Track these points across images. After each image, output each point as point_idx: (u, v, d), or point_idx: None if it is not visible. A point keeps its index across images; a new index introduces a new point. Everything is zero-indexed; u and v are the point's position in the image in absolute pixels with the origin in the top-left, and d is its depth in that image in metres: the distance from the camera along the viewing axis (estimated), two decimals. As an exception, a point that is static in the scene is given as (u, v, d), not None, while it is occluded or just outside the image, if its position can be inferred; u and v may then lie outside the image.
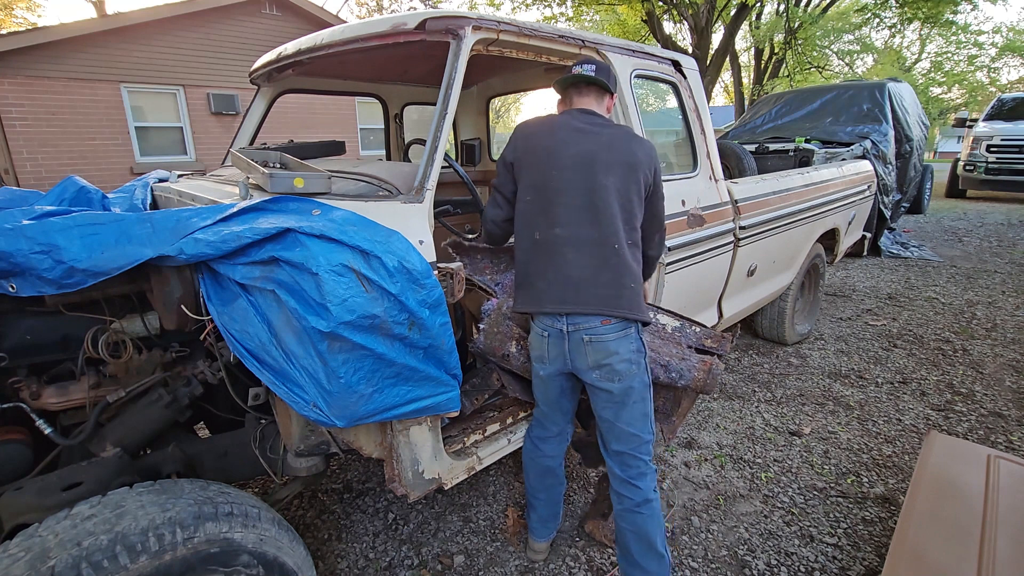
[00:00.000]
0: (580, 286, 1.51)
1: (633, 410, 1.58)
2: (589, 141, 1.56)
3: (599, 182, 1.53)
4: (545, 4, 13.30)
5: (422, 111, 3.55)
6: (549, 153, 1.56)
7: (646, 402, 1.61)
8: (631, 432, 1.60)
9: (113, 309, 1.42)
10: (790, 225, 3.11)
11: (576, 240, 1.52)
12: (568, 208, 1.53)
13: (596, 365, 1.54)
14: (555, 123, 1.61)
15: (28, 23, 18.23)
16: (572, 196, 1.53)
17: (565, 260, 1.53)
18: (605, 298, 1.51)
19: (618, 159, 1.55)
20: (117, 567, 0.99)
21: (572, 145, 1.56)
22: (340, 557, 1.97)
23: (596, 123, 1.61)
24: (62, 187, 1.89)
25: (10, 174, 7.39)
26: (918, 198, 8.58)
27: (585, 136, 1.57)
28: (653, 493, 1.63)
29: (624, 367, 1.54)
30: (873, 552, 1.95)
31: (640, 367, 1.57)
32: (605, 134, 1.59)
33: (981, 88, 19.46)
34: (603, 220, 1.52)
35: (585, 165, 1.54)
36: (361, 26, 1.75)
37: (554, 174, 1.55)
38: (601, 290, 1.51)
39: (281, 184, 1.39)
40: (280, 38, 8.71)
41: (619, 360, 1.53)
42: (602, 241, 1.52)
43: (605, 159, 1.55)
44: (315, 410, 1.20)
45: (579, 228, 1.52)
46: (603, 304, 1.50)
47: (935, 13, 12.22)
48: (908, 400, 3.05)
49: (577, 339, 1.53)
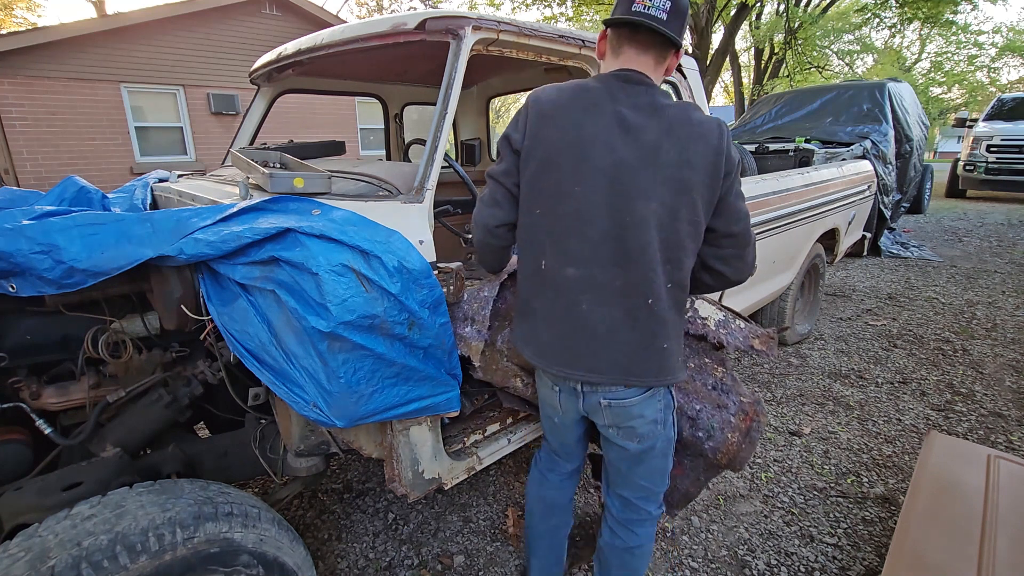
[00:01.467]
0: (597, 348, 1.19)
1: (650, 466, 1.36)
2: (632, 143, 1.13)
3: (636, 212, 1.13)
4: (545, 4, 13.30)
5: (422, 111, 3.55)
6: (573, 153, 1.15)
7: (667, 458, 1.37)
8: (642, 484, 1.38)
9: (113, 309, 1.42)
10: (790, 225, 3.10)
11: (595, 286, 1.17)
12: (587, 242, 1.16)
13: (614, 425, 1.29)
14: (591, 101, 1.16)
15: (28, 23, 18.24)
16: (595, 226, 1.15)
17: (579, 311, 1.19)
18: (629, 363, 1.19)
19: (668, 171, 1.12)
20: (117, 567, 0.99)
21: (607, 147, 1.14)
22: (340, 557, 1.97)
23: (647, 106, 1.15)
24: (62, 187, 1.89)
25: (10, 174, 7.39)
26: (918, 198, 8.57)
27: (628, 134, 1.14)
28: (648, 540, 1.44)
29: (648, 429, 1.28)
30: (873, 552, 1.95)
31: (667, 425, 1.31)
32: (653, 128, 1.13)
33: (981, 88, 19.48)
34: (634, 262, 1.14)
35: (619, 184, 1.13)
36: (361, 26, 1.75)
37: (575, 190, 1.15)
38: (624, 354, 1.18)
39: (281, 184, 1.39)
40: (280, 38, 8.71)
41: (643, 423, 1.27)
42: (630, 290, 1.16)
43: (649, 175, 1.12)
44: (315, 410, 1.20)
45: (600, 270, 1.16)
46: (625, 372, 1.19)
47: (935, 13, 12.23)
48: (908, 400, 3.05)
49: (593, 401, 1.26)
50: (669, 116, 1.15)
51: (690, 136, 1.14)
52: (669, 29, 1.13)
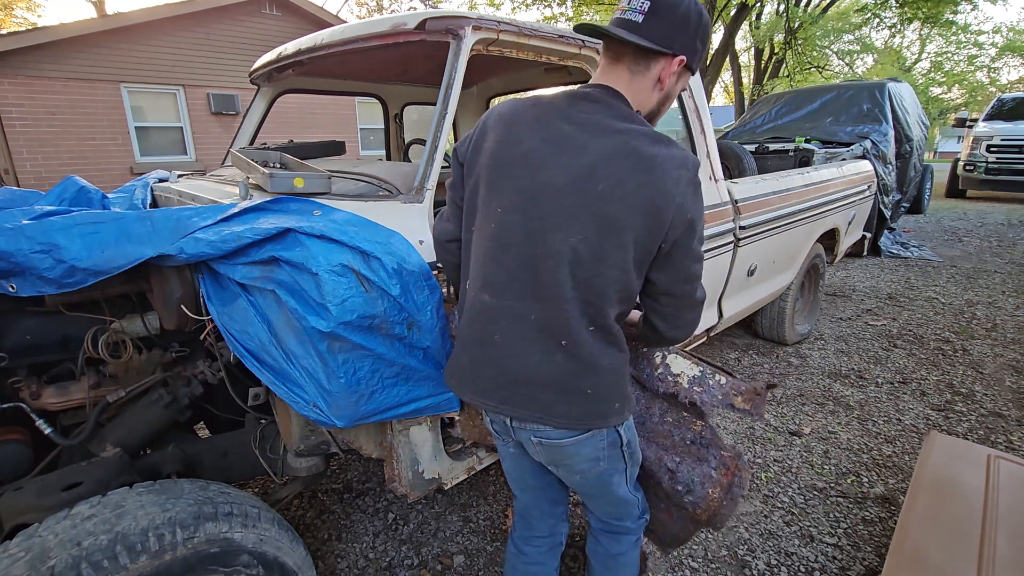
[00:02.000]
0: (514, 383, 1.05)
1: (606, 498, 1.28)
2: (563, 162, 0.98)
3: (548, 244, 0.97)
4: (545, 4, 13.31)
5: (422, 111, 3.55)
6: (501, 171, 1.03)
7: (621, 487, 1.25)
8: (607, 510, 1.33)
9: (113, 309, 1.42)
10: (790, 225, 3.10)
11: (509, 317, 1.03)
12: (503, 269, 1.02)
13: (551, 463, 1.18)
14: (536, 115, 1.04)
15: (28, 23, 18.25)
16: (510, 252, 1.01)
17: (493, 342, 1.05)
18: (548, 404, 1.04)
19: (595, 201, 0.95)
20: (117, 567, 0.99)
21: (535, 166, 1.00)
22: (340, 557, 1.97)
23: (594, 125, 0.99)
24: (62, 187, 1.89)
25: (10, 174, 7.39)
26: (918, 198, 8.57)
27: (562, 151, 0.99)
28: (632, 547, 1.38)
29: (587, 466, 1.15)
30: (873, 552, 1.95)
31: (613, 460, 1.16)
32: (593, 150, 0.97)
33: (981, 88, 19.49)
34: (548, 299, 1.00)
35: (534, 208, 0.98)
36: (361, 26, 1.75)
37: (497, 210, 1.02)
38: (543, 394, 1.03)
39: (281, 184, 1.39)
40: (280, 38, 8.71)
41: (581, 461, 1.13)
42: (546, 327, 1.01)
43: (574, 204, 0.96)
44: (315, 410, 1.20)
45: (517, 301, 1.02)
46: (544, 412, 1.04)
47: (935, 13, 12.23)
48: (908, 400, 3.05)
49: (524, 437, 1.13)
50: (617, 141, 0.97)
51: (635, 168, 0.95)
52: (643, 34, 0.97)
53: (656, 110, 1.10)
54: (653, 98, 1.07)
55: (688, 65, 1.03)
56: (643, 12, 0.97)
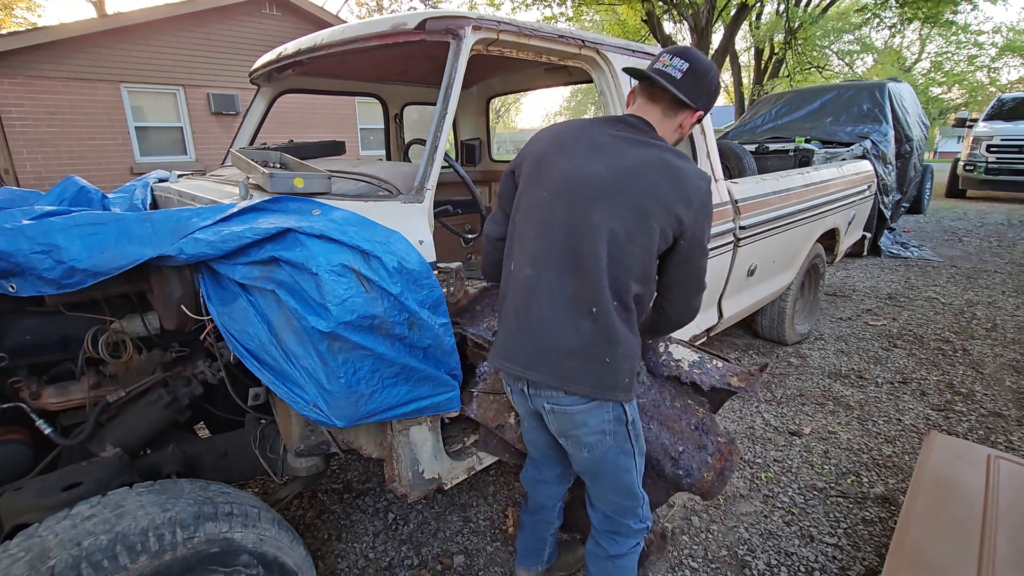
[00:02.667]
0: (541, 350, 1.21)
1: (610, 482, 1.35)
2: (604, 161, 1.20)
3: (590, 220, 1.17)
4: (545, 4, 13.29)
5: (422, 111, 3.55)
6: (546, 167, 1.25)
7: (630, 473, 1.33)
8: (611, 498, 1.39)
9: (113, 309, 1.42)
10: (790, 225, 3.11)
11: (547, 290, 1.21)
12: (545, 245, 1.21)
13: (561, 434, 1.31)
14: (580, 129, 1.29)
15: (28, 23, 18.24)
16: (554, 231, 1.20)
17: (529, 312, 1.23)
18: (568, 371, 1.20)
19: (632, 194, 1.17)
20: (117, 567, 0.99)
21: (577, 163, 1.22)
22: (340, 557, 1.97)
23: (634, 138, 1.23)
24: (62, 187, 1.89)
25: (10, 174, 7.39)
26: (918, 198, 8.57)
27: (603, 153, 1.21)
28: (633, 549, 1.43)
29: (594, 439, 1.26)
30: (873, 552, 1.95)
31: (619, 437, 1.27)
32: (634, 155, 1.20)
33: (981, 88, 19.47)
34: (584, 271, 1.18)
35: (579, 193, 1.19)
36: (361, 26, 1.75)
37: (543, 195, 1.23)
38: (566, 361, 1.19)
39: (281, 184, 1.39)
40: (280, 38, 8.71)
41: (588, 432, 1.25)
42: (579, 298, 1.18)
43: (612, 190, 1.17)
44: (315, 410, 1.20)
45: (553, 275, 1.20)
46: (563, 378, 1.20)
47: (935, 13, 12.21)
48: (908, 400, 3.05)
49: (539, 405, 1.28)
50: (652, 152, 1.21)
51: (666, 175, 1.19)
52: (680, 88, 1.22)
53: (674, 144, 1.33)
54: (673, 137, 1.32)
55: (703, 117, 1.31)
56: (682, 71, 1.22)
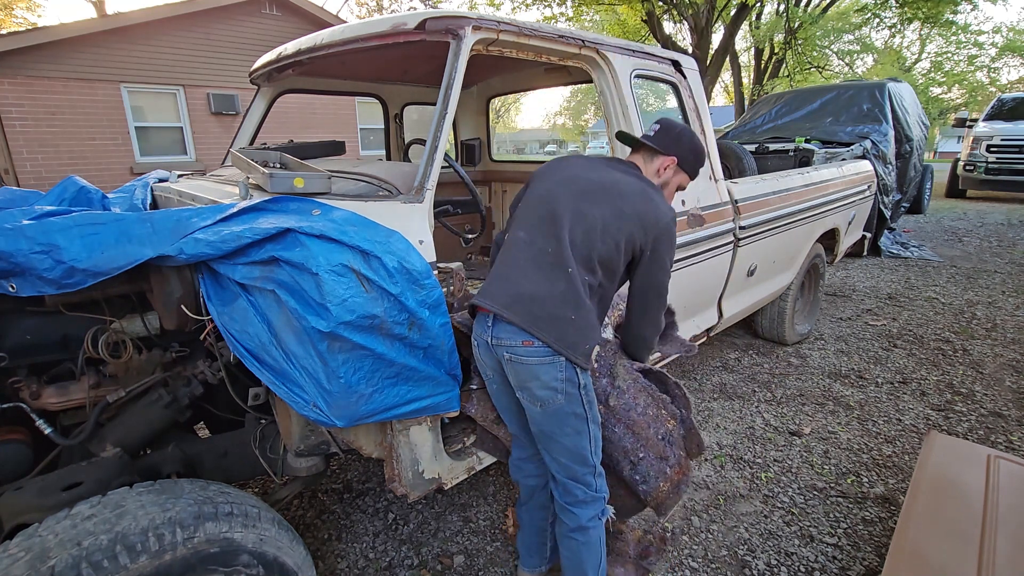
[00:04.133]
0: (518, 296, 1.36)
1: (562, 444, 1.42)
2: (597, 173, 1.49)
3: (579, 207, 1.42)
4: (545, 4, 13.29)
5: (422, 111, 3.55)
6: (549, 174, 1.54)
7: (581, 436, 1.41)
8: (562, 461, 1.45)
9: (113, 309, 1.42)
10: (790, 225, 3.11)
11: (534, 248, 1.41)
12: (537, 218, 1.45)
13: (518, 386, 1.40)
14: (579, 157, 1.61)
15: (28, 23, 18.23)
16: (549, 207, 1.44)
17: (516, 264, 1.41)
18: (534, 317, 1.32)
19: (614, 197, 1.44)
20: (117, 567, 0.99)
21: (575, 172, 1.51)
22: (340, 557, 1.97)
23: (621, 168, 1.54)
24: (62, 187, 1.89)
25: (10, 174, 7.39)
26: (918, 198, 8.57)
27: (596, 170, 1.51)
28: (591, 522, 1.48)
29: (545, 394, 1.35)
30: (873, 552, 1.95)
31: (571, 399, 1.37)
32: (619, 176, 1.50)
33: (981, 88, 19.45)
34: (566, 243, 1.38)
35: (574, 187, 1.46)
36: (361, 26, 1.75)
37: (544, 188, 1.50)
38: (535, 306, 1.33)
39: (281, 184, 1.39)
40: (280, 38, 8.71)
41: (539, 386, 1.35)
42: (558, 259, 1.37)
43: (598, 191, 1.45)
44: (315, 410, 1.20)
45: (541, 239, 1.41)
46: (529, 322, 1.32)
47: (935, 13, 12.21)
48: (908, 400, 3.05)
49: (500, 354, 1.38)
50: (633, 180, 1.51)
51: (642, 198, 1.46)
52: (653, 141, 1.58)
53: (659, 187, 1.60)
54: (656, 180, 1.60)
55: (680, 165, 1.60)
56: (655, 131, 1.60)
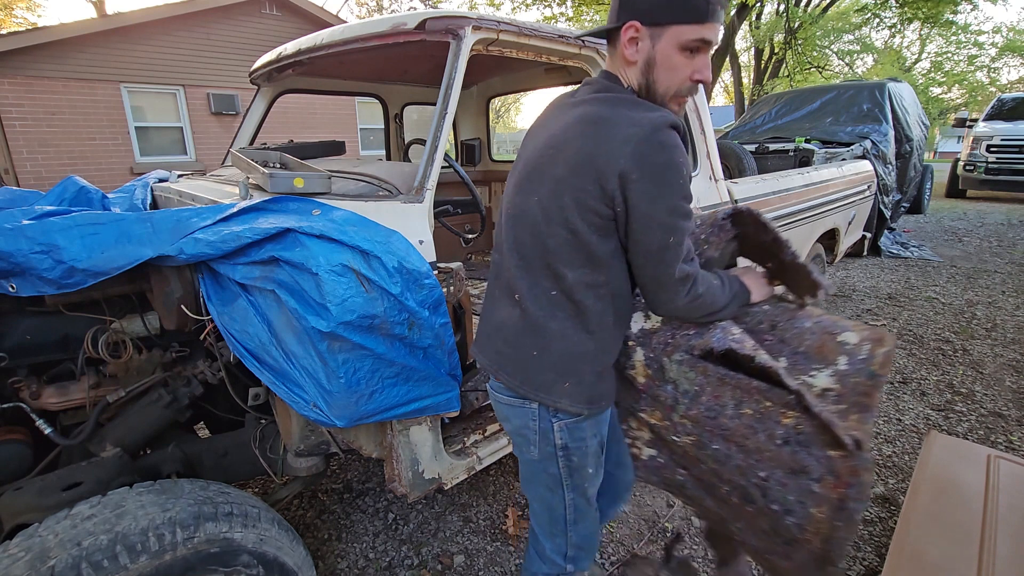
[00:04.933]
0: (487, 334, 1.19)
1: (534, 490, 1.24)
2: (541, 138, 1.09)
3: (522, 204, 1.08)
4: (545, 4, 13.30)
5: (422, 111, 3.56)
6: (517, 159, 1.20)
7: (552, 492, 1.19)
8: (535, 507, 1.27)
9: (113, 309, 1.42)
10: (790, 225, 3.10)
11: (500, 270, 1.16)
12: (502, 230, 1.17)
13: (500, 420, 1.26)
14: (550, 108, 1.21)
15: (28, 23, 18.24)
16: (508, 217, 1.15)
17: (490, 294, 1.21)
18: (504, 357, 1.13)
19: (549, 167, 1.02)
20: (117, 567, 0.99)
21: (529, 148, 1.13)
22: (340, 557, 1.97)
23: (574, 100, 1.10)
24: (62, 187, 1.89)
25: (10, 174, 7.39)
26: (918, 198, 8.57)
27: (544, 129, 1.11)
28: None
29: (518, 440, 1.19)
30: (873, 552, 1.95)
31: (545, 456, 1.15)
32: (562, 121, 1.05)
33: (981, 88, 19.45)
34: (519, 254, 1.09)
35: (521, 177, 1.11)
36: (361, 26, 1.75)
37: (510, 187, 1.18)
38: (504, 346, 1.13)
39: (281, 184, 1.39)
40: (280, 38, 8.71)
41: (510, 427, 1.20)
42: (507, 284, 1.13)
43: (533, 168, 1.07)
44: (315, 410, 1.20)
45: (504, 256, 1.15)
46: (498, 364, 1.14)
47: (935, 13, 12.22)
48: (908, 400, 3.04)
49: (490, 387, 1.24)
50: (581, 111, 1.03)
51: (583, 132, 0.98)
52: (608, 23, 1.06)
53: (645, 82, 1.04)
54: (633, 72, 1.05)
55: (648, 23, 0.99)
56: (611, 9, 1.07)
